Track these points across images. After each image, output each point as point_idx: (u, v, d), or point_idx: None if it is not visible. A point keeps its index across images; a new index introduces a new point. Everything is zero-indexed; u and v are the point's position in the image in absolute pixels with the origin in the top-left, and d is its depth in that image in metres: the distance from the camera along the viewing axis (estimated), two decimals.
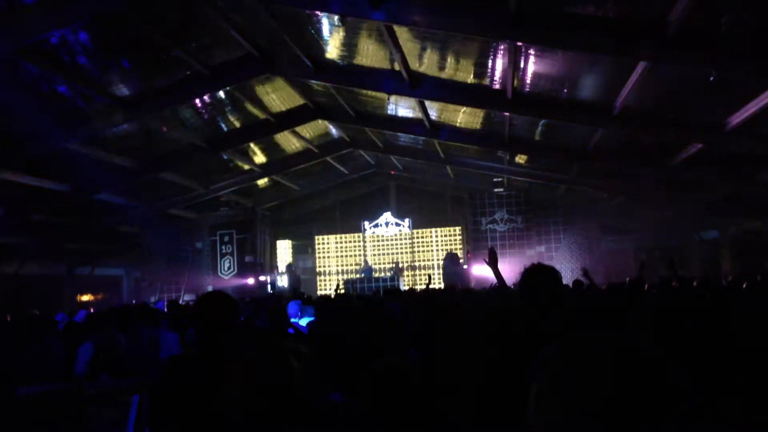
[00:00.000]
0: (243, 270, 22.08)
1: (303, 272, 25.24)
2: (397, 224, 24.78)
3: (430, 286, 11.75)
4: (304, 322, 7.78)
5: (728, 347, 3.12)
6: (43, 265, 21.57)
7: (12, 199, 15.78)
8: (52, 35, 9.95)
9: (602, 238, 22.31)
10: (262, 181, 22.27)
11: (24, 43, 9.72)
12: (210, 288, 21.00)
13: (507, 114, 13.33)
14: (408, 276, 24.25)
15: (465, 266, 21.81)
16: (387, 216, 24.95)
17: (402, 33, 10.60)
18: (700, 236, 22.33)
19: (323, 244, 25.77)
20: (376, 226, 24.80)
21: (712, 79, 8.93)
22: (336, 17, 10.19)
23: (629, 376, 0.91)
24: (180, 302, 15.50)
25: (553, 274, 3.00)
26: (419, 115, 14.98)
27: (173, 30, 10.96)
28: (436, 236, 24.75)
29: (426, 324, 4.90)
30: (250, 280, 21.63)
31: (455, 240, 24.47)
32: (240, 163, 19.44)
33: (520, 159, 18.79)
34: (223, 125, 16.32)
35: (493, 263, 4.91)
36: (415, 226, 24.86)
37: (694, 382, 1.02)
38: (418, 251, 24.75)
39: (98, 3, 9.44)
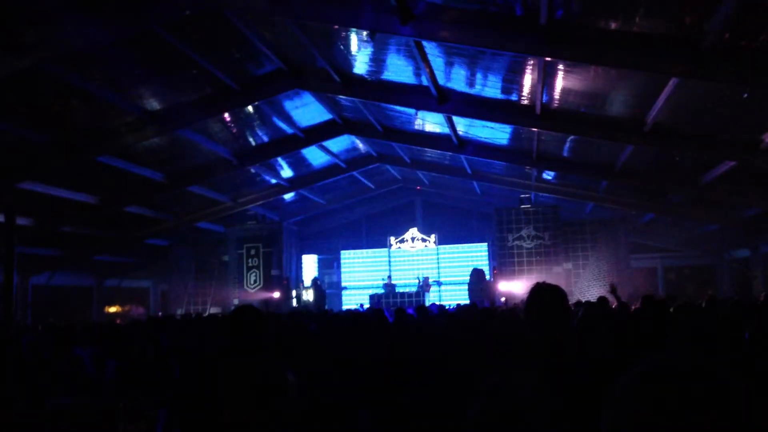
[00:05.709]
0: (269, 283, 22.13)
1: (329, 287, 25.19)
2: (423, 239, 24.66)
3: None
4: None
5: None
6: (73, 276, 21.86)
7: (43, 211, 16.02)
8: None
9: (630, 256, 21.99)
10: (288, 195, 22.37)
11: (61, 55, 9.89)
12: (236, 301, 21.06)
13: (535, 130, 13.24)
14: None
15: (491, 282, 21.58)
16: (413, 231, 24.83)
17: (430, 48, 10.60)
18: (731, 255, 21.96)
19: (349, 258, 25.72)
20: (402, 241, 24.69)
21: (746, 95, 8.80)
22: (365, 33, 10.21)
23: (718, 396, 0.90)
24: (205, 315, 15.58)
25: (559, 293, 2.95)
26: (447, 130, 14.96)
27: (203, 44, 11.08)
28: (463, 252, 24.53)
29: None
30: (276, 294, 21.66)
31: (482, 256, 24.25)
32: (267, 177, 19.56)
33: (548, 175, 18.66)
34: (251, 139, 16.45)
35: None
36: (441, 241, 24.71)
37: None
38: (444, 267, 24.53)
39: (139, 22, 9.58)
